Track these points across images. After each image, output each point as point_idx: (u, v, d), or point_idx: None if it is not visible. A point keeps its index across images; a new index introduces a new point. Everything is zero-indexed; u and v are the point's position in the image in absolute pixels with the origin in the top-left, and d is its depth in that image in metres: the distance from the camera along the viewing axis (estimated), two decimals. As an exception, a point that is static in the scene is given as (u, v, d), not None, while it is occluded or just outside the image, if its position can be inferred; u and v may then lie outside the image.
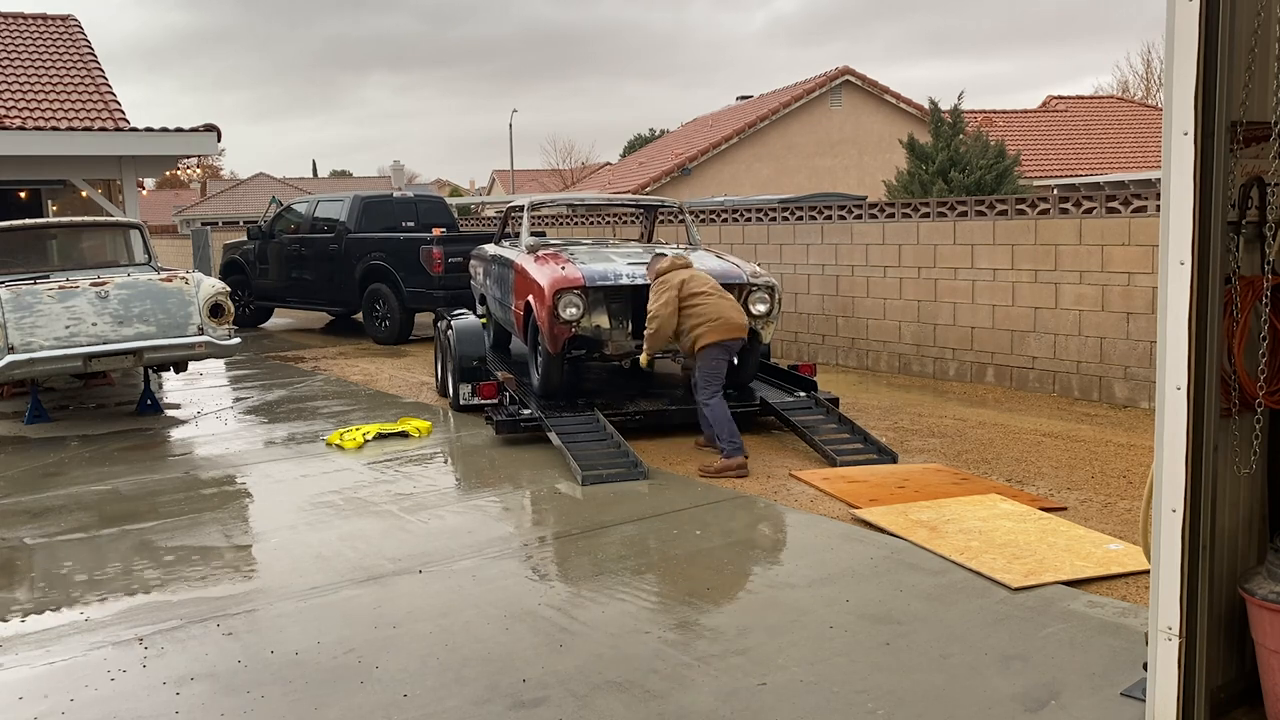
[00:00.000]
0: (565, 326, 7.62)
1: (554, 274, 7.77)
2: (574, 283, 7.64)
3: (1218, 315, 2.97)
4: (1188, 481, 2.95)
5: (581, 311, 7.63)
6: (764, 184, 28.26)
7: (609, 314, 7.85)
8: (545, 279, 7.76)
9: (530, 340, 8.31)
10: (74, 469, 7.43)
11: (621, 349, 7.95)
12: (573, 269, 7.84)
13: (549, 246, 8.91)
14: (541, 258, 8.29)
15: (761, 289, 7.93)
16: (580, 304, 7.61)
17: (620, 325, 7.90)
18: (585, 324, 7.74)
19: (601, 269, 7.87)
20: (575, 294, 7.62)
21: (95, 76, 14.98)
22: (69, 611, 4.67)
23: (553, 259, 8.21)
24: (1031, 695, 3.64)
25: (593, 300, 7.76)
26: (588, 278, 7.70)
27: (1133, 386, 8.59)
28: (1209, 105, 2.85)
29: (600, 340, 7.89)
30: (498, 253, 9.87)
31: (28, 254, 10.20)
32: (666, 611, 4.47)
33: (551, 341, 7.67)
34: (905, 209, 10.60)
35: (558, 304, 7.56)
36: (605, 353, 7.98)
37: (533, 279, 7.99)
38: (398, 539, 5.58)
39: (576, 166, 60.58)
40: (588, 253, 8.65)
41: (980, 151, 20.41)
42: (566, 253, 8.49)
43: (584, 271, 7.78)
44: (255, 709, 3.69)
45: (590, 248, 9.02)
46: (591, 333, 7.82)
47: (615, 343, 7.90)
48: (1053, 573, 4.73)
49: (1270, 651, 3.09)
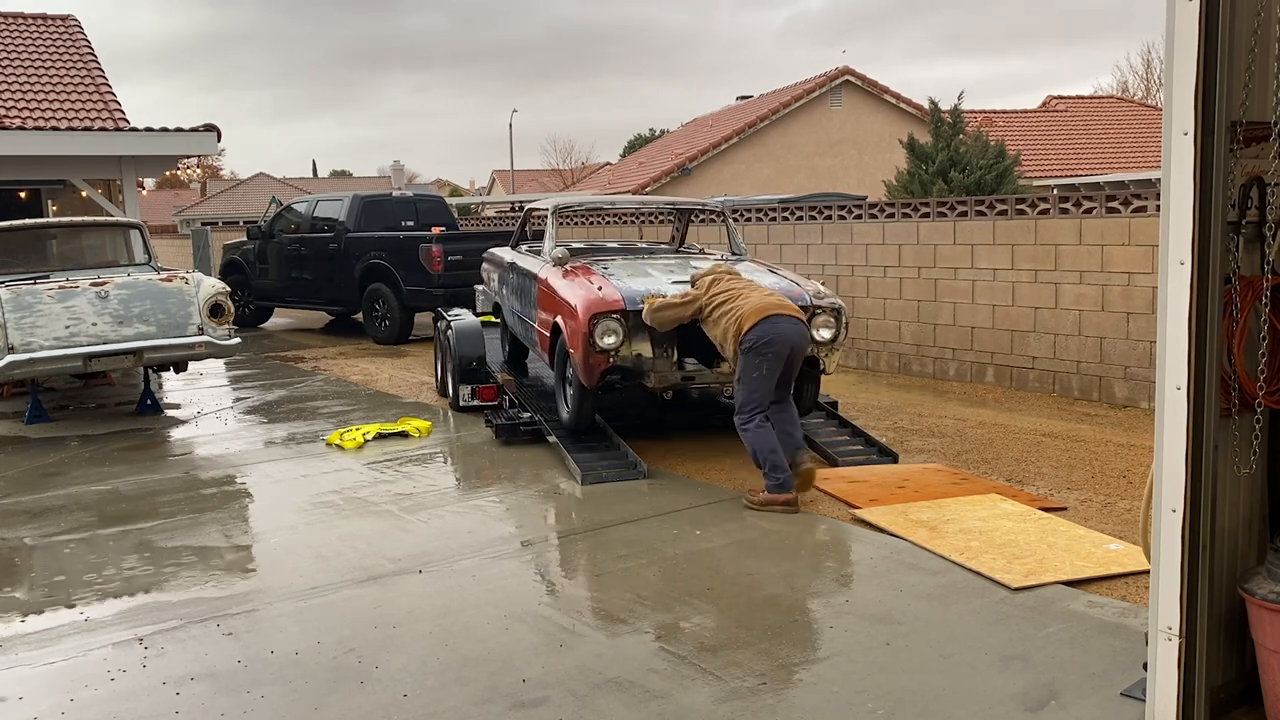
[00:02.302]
0: (602, 356, 6.62)
1: (589, 295, 6.79)
2: (612, 305, 6.65)
3: (1218, 315, 2.97)
4: (1188, 481, 2.95)
5: (621, 339, 6.64)
6: (764, 184, 28.26)
7: (651, 340, 6.75)
8: (579, 300, 6.78)
9: (558, 367, 7.40)
10: (74, 469, 7.43)
11: (666, 381, 6.86)
12: (610, 288, 6.83)
13: (578, 257, 8.00)
14: (571, 273, 7.34)
15: (826, 311, 6.85)
16: (620, 330, 6.62)
17: (664, 354, 6.81)
18: (624, 352, 6.69)
19: (643, 288, 6.87)
20: (614, 319, 6.62)
21: (95, 76, 14.98)
22: (69, 611, 4.67)
23: (584, 274, 7.24)
24: (1031, 695, 3.64)
25: (633, 325, 6.68)
26: (628, 299, 6.69)
27: (1133, 386, 8.59)
28: (1209, 105, 2.85)
29: (641, 371, 6.82)
30: (516, 260, 8.87)
31: (28, 254, 10.20)
32: (666, 611, 4.47)
33: (586, 373, 6.71)
34: (905, 209, 10.60)
35: (594, 330, 6.58)
36: (647, 385, 6.90)
37: (563, 299, 7.04)
38: (398, 539, 5.57)
39: (576, 166, 60.62)
40: (622, 266, 7.69)
41: (980, 151, 20.42)
42: (599, 266, 7.54)
43: (623, 291, 6.77)
44: (255, 709, 3.69)
45: (624, 259, 8.09)
46: (631, 362, 6.75)
47: (659, 373, 6.81)
48: (1053, 573, 4.73)
49: (1270, 651, 3.09)
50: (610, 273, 7.33)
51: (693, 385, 7.13)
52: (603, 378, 6.76)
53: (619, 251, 8.99)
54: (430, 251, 13.45)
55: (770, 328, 5.93)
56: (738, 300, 6.13)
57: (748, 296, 6.14)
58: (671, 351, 6.83)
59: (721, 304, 6.18)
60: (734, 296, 6.18)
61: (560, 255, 7.67)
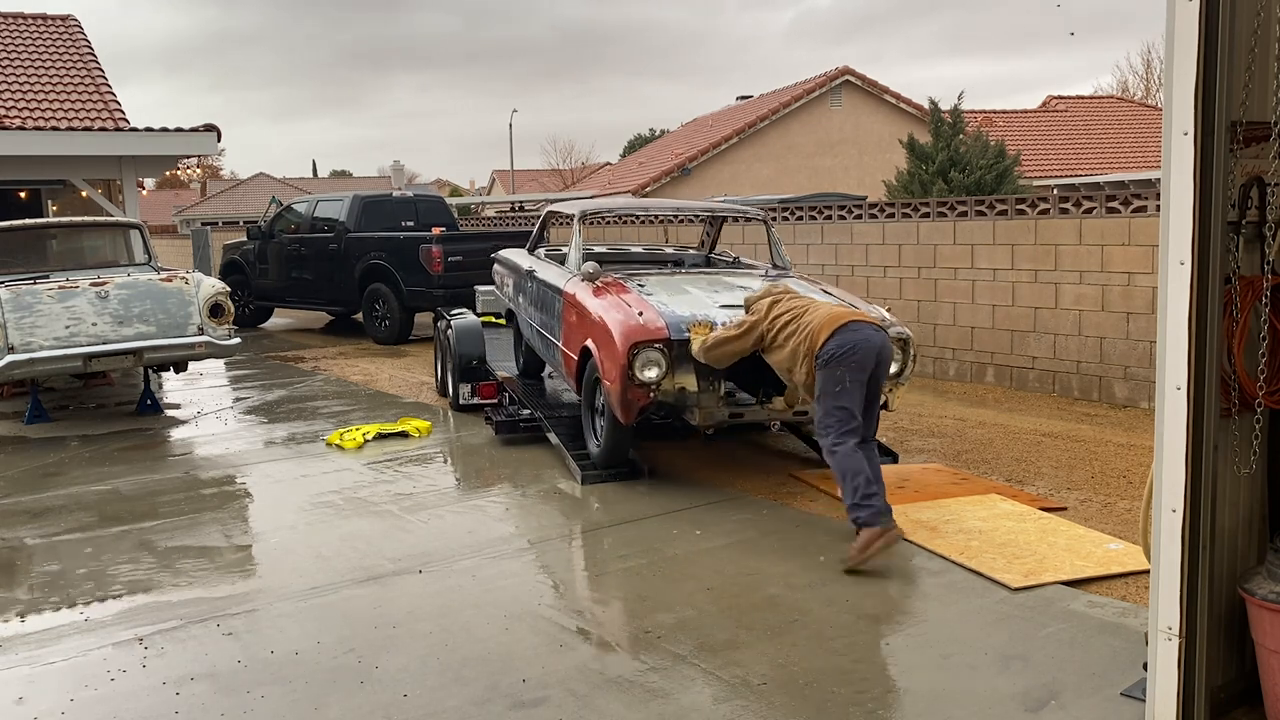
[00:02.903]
0: (642, 390, 5.95)
1: (628, 320, 6.09)
2: (655, 334, 5.95)
3: (1218, 315, 2.97)
4: (1188, 481, 2.95)
5: (664, 371, 5.95)
6: (764, 184, 28.25)
7: (696, 372, 6.03)
8: (617, 326, 6.09)
9: (586, 395, 6.74)
10: (74, 469, 7.43)
11: (713, 418, 6.14)
12: (651, 313, 6.12)
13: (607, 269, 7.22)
14: (603, 290, 6.64)
15: (893, 342, 5.87)
16: (663, 362, 5.93)
17: (711, 387, 6.10)
18: (667, 386, 6.01)
19: (687, 312, 6.17)
20: (656, 349, 5.92)
21: (95, 76, 14.98)
22: (69, 611, 4.67)
23: (618, 292, 6.56)
24: (1031, 695, 3.64)
25: (677, 355, 5.98)
26: (672, 325, 6.00)
27: (1133, 386, 8.59)
28: (1209, 105, 2.85)
29: (684, 406, 6.14)
30: (536, 268, 8.15)
31: (28, 254, 10.20)
32: (666, 611, 4.46)
33: (624, 409, 6.06)
34: (905, 209, 10.60)
35: (634, 362, 5.90)
36: (691, 422, 6.23)
37: (596, 321, 6.35)
38: (398, 539, 5.58)
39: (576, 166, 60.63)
40: (660, 283, 6.92)
41: (980, 151, 20.42)
42: (633, 283, 6.83)
43: (666, 317, 6.07)
44: (255, 709, 3.69)
45: (659, 275, 7.30)
46: (674, 397, 6.07)
47: (705, 409, 6.10)
48: (1053, 573, 4.73)
49: (1270, 651, 3.09)
50: (648, 292, 6.63)
51: (742, 421, 6.41)
52: (641, 414, 6.12)
53: (647, 260, 8.54)
54: (430, 252, 13.46)
55: (849, 335, 5.17)
56: (805, 316, 5.40)
57: (815, 310, 5.44)
58: (718, 384, 6.11)
59: (785, 325, 5.43)
60: (800, 313, 5.45)
61: (592, 270, 6.90)
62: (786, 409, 6.20)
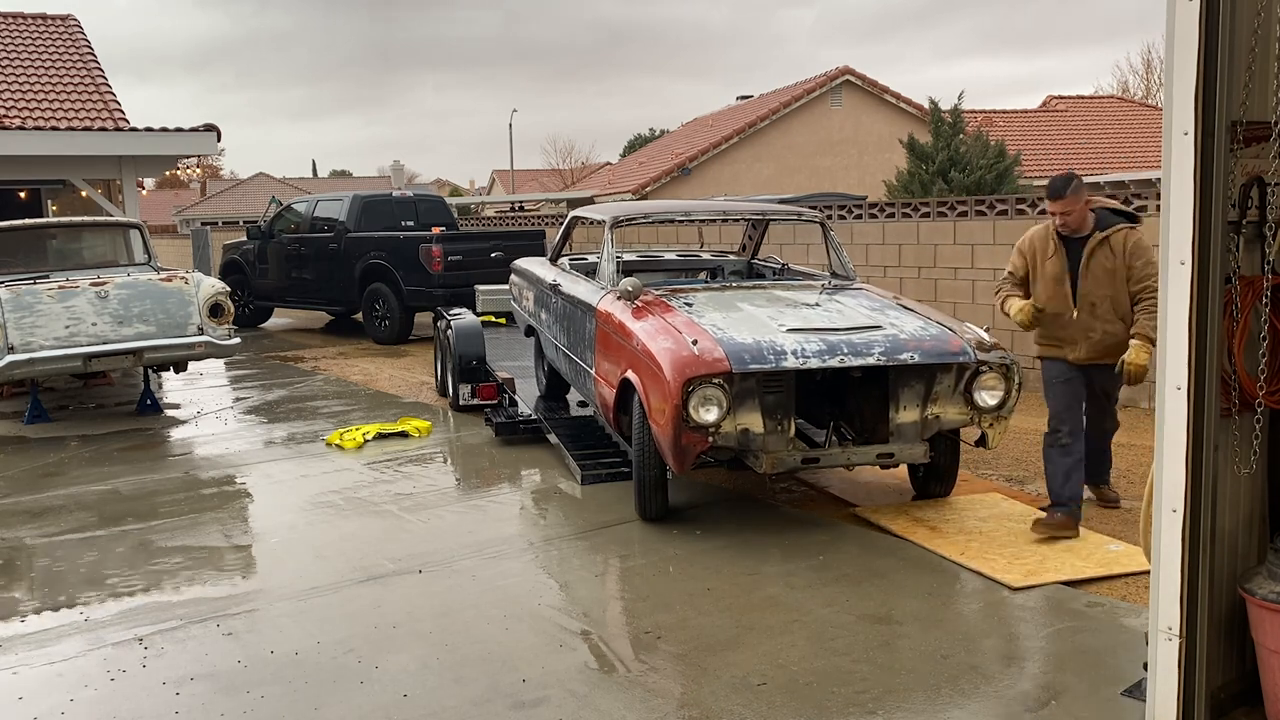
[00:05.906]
0: (699, 434, 5.03)
1: (680, 351, 5.11)
2: (715, 368, 4.98)
3: (1218, 315, 2.97)
4: (1188, 481, 2.95)
5: (724, 411, 5.03)
6: (764, 184, 28.25)
7: (763, 410, 5.13)
8: (666, 358, 5.10)
9: (635, 434, 5.58)
10: (74, 469, 7.43)
11: (782, 464, 5.20)
12: (707, 340, 5.14)
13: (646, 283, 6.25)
14: (644, 311, 5.70)
15: (994, 369, 5.32)
16: (724, 401, 5.01)
17: (779, 428, 5.17)
18: (728, 428, 5.08)
19: (753, 341, 5.17)
20: (716, 385, 4.98)
21: (95, 76, 14.98)
22: (69, 611, 4.67)
23: (662, 312, 5.64)
24: (1031, 695, 3.64)
25: (740, 391, 5.08)
26: (734, 358, 5.02)
27: (1133, 386, 8.57)
28: (1209, 105, 2.85)
29: (748, 450, 5.19)
30: (562, 283, 7.20)
31: (27, 254, 10.20)
32: (666, 611, 4.46)
33: (677, 457, 5.12)
34: (905, 209, 10.60)
35: (689, 401, 4.95)
36: (756, 469, 5.27)
37: (643, 350, 5.35)
38: (398, 539, 5.57)
39: (576, 166, 60.63)
40: (709, 300, 5.94)
41: (980, 151, 20.43)
42: (678, 300, 5.88)
43: (726, 346, 5.09)
44: (255, 709, 3.69)
45: (705, 290, 6.29)
46: (736, 440, 5.13)
47: (772, 454, 5.16)
48: (1053, 573, 4.73)
49: (1270, 651, 3.09)
50: (697, 313, 5.63)
51: (818, 468, 5.57)
52: (697, 460, 5.20)
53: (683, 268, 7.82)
54: (430, 251, 13.46)
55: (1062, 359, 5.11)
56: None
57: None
58: (788, 424, 5.19)
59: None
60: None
61: (632, 288, 5.91)
62: (884, 453, 5.30)
